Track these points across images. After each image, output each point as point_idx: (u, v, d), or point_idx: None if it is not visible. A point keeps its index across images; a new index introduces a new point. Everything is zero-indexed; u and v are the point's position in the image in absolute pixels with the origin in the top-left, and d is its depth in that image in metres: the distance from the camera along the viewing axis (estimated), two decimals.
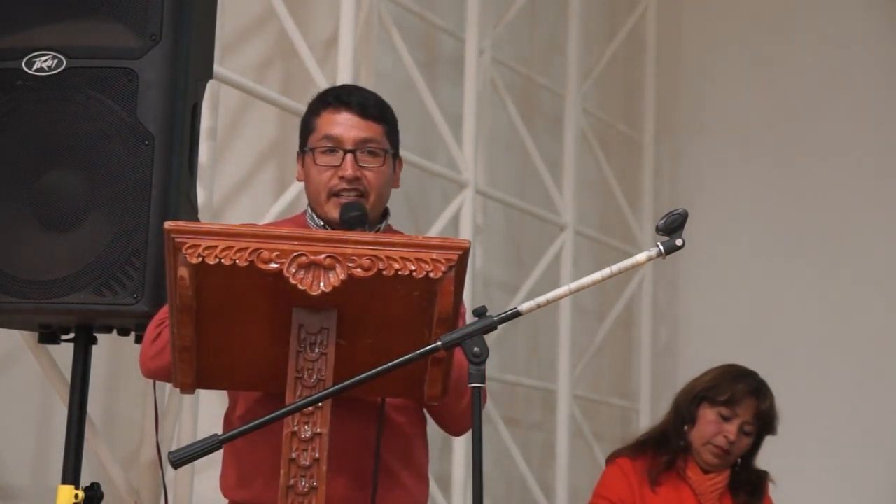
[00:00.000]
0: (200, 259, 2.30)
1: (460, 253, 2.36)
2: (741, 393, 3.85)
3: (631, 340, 6.98)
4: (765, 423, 3.87)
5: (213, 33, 3.33)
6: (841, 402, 6.39)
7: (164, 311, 2.69)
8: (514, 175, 6.27)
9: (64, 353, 3.30)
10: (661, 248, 2.38)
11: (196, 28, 3.18)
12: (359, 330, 2.43)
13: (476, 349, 2.30)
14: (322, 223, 2.83)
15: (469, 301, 4.63)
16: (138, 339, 3.09)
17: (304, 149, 2.88)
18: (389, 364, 2.30)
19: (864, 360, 6.42)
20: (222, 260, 2.30)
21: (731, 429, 3.84)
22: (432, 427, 2.88)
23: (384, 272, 2.33)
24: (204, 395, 3.82)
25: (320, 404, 2.34)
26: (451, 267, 2.35)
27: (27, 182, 3.07)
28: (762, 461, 3.96)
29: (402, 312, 2.41)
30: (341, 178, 2.79)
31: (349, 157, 2.80)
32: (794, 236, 6.67)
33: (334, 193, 2.80)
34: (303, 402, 2.32)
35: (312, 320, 2.38)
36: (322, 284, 2.32)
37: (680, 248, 2.39)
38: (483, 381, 2.29)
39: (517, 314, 2.35)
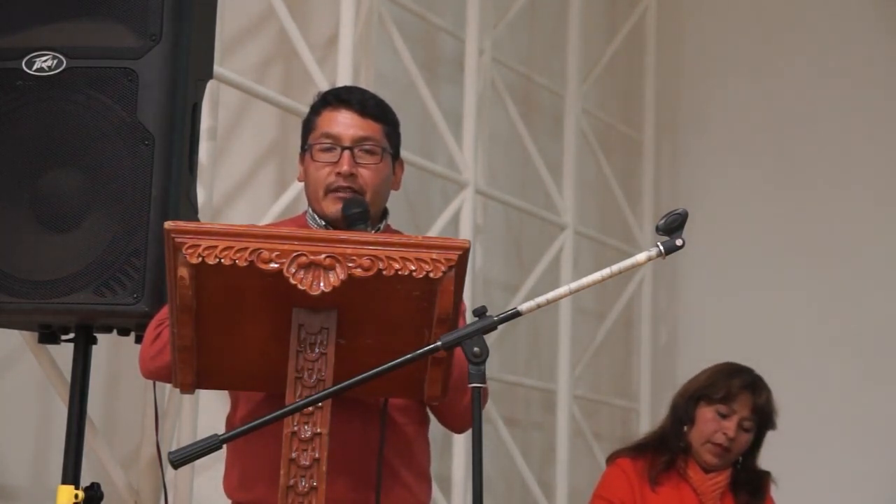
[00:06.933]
0: (200, 259, 2.30)
1: (460, 253, 2.36)
2: (737, 389, 3.86)
3: (631, 340, 6.98)
4: (763, 417, 3.87)
5: (213, 33, 3.33)
6: (841, 401, 6.39)
7: (163, 311, 2.69)
8: (514, 175, 6.27)
9: (64, 353, 3.30)
10: (661, 248, 2.38)
11: (196, 28, 3.18)
12: (359, 330, 2.43)
13: (476, 349, 2.30)
14: (323, 223, 2.83)
15: (469, 301, 4.63)
16: (138, 339, 3.09)
17: (304, 148, 2.89)
18: (389, 364, 2.30)
19: (864, 360, 6.42)
20: (222, 260, 2.30)
21: (730, 425, 3.84)
22: (432, 427, 2.88)
23: (384, 272, 2.33)
24: (204, 395, 3.82)
25: (320, 404, 2.34)
26: (451, 267, 2.35)
27: (27, 182, 3.07)
28: (762, 460, 3.96)
29: (402, 312, 2.41)
30: (338, 174, 2.80)
31: (346, 153, 2.81)
32: (793, 236, 6.67)
33: (332, 190, 2.81)
34: (303, 402, 2.32)
35: (312, 320, 2.38)
36: (322, 284, 2.32)
37: (680, 248, 2.39)
38: (483, 381, 2.29)
39: (517, 314, 2.35)
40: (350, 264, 2.33)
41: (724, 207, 6.82)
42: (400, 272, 2.33)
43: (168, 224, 2.33)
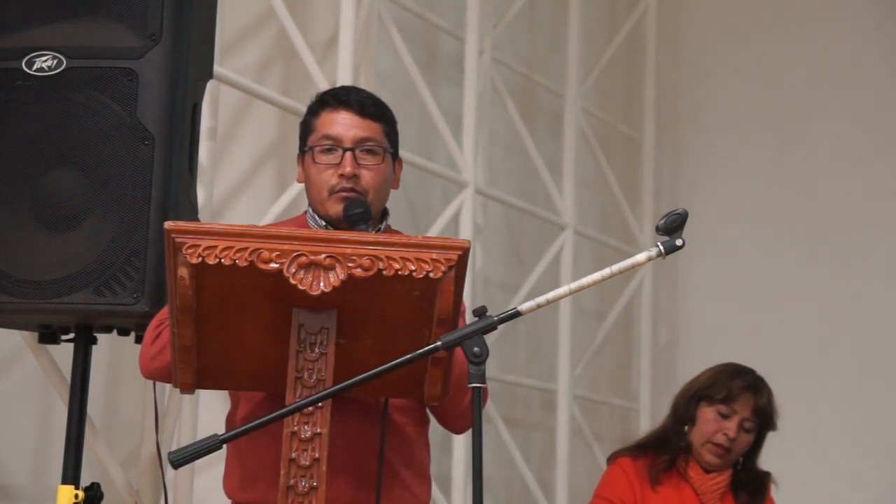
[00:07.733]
0: (200, 259, 2.30)
1: (460, 253, 2.36)
2: (738, 389, 3.86)
3: (631, 340, 6.98)
4: (764, 418, 3.87)
5: (213, 33, 3.33)
6: (841, 401, 6.39)
7: (163, 312, 2.69)
8: (514, 175, 6.27)
9: (64, 353, 3.30)
10: (661, 248, 2.38)
11: (196, 28, 3.18)
12: (359, 330, 2.43)
13: (476, 349, 2.30)
14: (324, 223, 2.83)
15: (469, 301, 4.64)
16: (138, 339, 3.09)
17: (303, 149, 2.88)
18: (389, 364, 2.30)
19: (864, 360, 6.42)
20: (222, 260, 2.30)
21: (731, 426, 3.84)
22: (432, 427, 2.88)
23: (384, 272, 2.33)
24: (204, 395, 3.83)
25: (320, 404, 2.34)
26: (451, 267, 2.35)
27: (27, 182, 3.07)
28: (762, 460, 3.96)
29: (402, 312, 2.41)
30: (341, 175, 2.80)
31: (348, 155, 2.81)
32: (794, 236, 6.67)
33: (335, 191, 2.81)
34: (303, 402, 2.32)
35: (312, 320, 2.38)
36: (322, 284, 2.32)
37: (680, 248, 2.39)
38: (483, 381, 2.29)
39: (517, 314, 2.35)
40: (350, 264, 2.33)
41: (725, 207, 6.82)
42: (400, 272, 2.33)
43: (168, 224, 2.33)
